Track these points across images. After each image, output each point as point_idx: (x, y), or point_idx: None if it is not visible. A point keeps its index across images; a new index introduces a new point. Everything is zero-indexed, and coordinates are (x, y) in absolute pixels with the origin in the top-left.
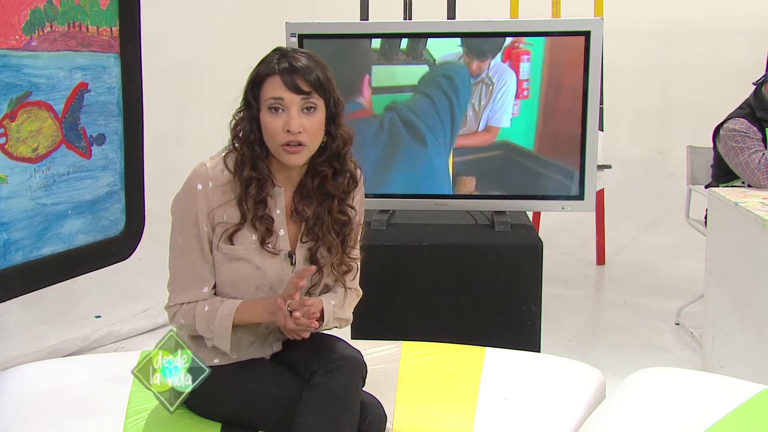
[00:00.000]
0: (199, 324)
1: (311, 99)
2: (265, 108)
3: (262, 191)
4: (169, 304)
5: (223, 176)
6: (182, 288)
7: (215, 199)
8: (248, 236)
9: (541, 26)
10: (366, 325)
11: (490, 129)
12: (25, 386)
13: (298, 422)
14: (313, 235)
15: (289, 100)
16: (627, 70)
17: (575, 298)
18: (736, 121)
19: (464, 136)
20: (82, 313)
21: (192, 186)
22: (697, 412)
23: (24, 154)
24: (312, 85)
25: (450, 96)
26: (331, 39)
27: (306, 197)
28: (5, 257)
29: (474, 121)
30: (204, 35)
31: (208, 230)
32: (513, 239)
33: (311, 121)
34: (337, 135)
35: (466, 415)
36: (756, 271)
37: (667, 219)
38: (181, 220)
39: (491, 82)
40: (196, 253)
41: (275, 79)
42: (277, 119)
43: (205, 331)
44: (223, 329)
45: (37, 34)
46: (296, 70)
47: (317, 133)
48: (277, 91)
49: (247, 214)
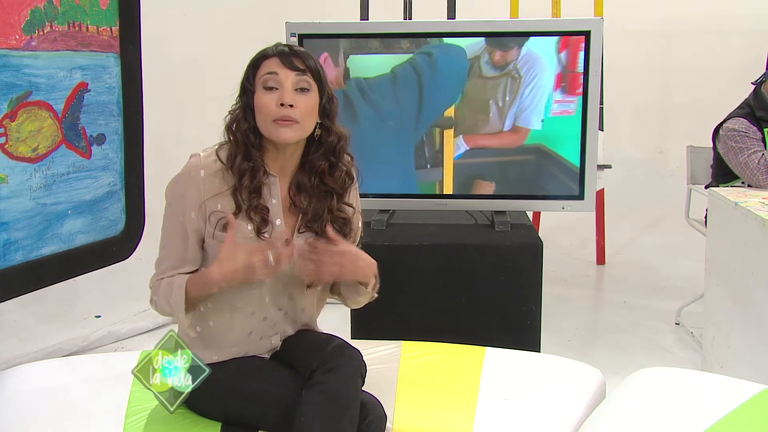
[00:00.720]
0: (162, 299)
1: (305, 77)
2: (260, 87)
3: (254, 179)
4: (150, 283)
5: (216, 166)
6: (162, 268)
7: (207, 189)
8: (243, 226)
9: (541, 26)
10: (366, 324)
11: (517, 130)
12: (25, 386)
13: (298, 422)
14: (311, 228)
15: (284, 76)
16: (627, 70)
17: (575, 298)
18: (735, 120)
19: (486, 135)
20: (82, 313)
21: (184, 174)
22: (697, 412)
23: (24, 154)
24: (307, 66)
25: (421, 75)
26: (331, 38)
27: (303, 190)
28: (5, 257)
29: (497, 120)
30: (204, 35)
31: (197, 219)
32: (513, 239)
33: (304, 100)
34: (333, 129)
35: (466, 415)
36: (756, 271)
37: (667, 219)
38: (170, 206)
39: (518, 75)
40: (180, 238)
41: (272, 59)
42: (270, 96)
43: (166, 306)
44: (178, 296)
45: (37, 34)
46: (293, 52)
47: (310, 114)
48: (272, 67)
49: (242, 204)
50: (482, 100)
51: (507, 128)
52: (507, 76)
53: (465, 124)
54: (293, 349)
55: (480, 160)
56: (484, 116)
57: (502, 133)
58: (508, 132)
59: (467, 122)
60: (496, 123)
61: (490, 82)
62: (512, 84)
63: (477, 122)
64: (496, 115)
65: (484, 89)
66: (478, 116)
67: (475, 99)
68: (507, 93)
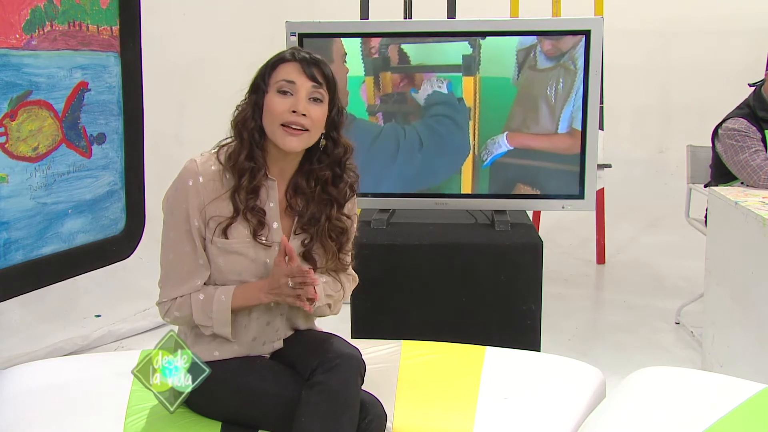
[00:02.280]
0: (197, 313)
1: (320, 90)
2: (274, 90)
3: (254, 180)
4: (160, 301)
5: (214, 171)
6: (176, 282)
7: (207, 195)
8: (241, 230)
9: (541, 25)
10: (366, 324)
11: (573, 133)
12: (26, 385)
13: (298, 421)
14: (307, 230)
15: (301, 84)
16: (627, 70)
17: (575, 298)
18: (735, 120)
19: (536, 136)
20: (82, 312)
21: (182, 182)
22: (697, 412)
23: (24, 154)
24: (325, 77)
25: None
26: (331, 38)
27: (300, 193)
28: (6, 256)
29: (549, 120)
30: (204, 34)
31: (200, 225)
32: (513, 238)
33: (316, 110)
34: (340, 141)
35: (466, 414)
36: (756, 271)
37: (667, 218)
38: (173, 216)
39: (574, 68)
40: (190, 246)
41: (293, 64)
42: (284, 100)
43: (203, 320)
44: (222, 313)
45: (37, 33)
46: (315, 61)
47: (319, 124)
48: (291, 74)
49: (240, 206)
50: (532, 95)
51: (562, 130)
52: (560, 68)
53: (513, 122)
54: (293, 349)
55: (523, 162)
56: (533, 114)
57: (555, 135)
58: (563, 135)
59: (515, 119)
60: (548, 123)
61: (541, 75)
62: (565, 77)
63: (526, 120)
64: (548, 114)
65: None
66: (528, 114)
67: (526, 94)
68: (559, 89)
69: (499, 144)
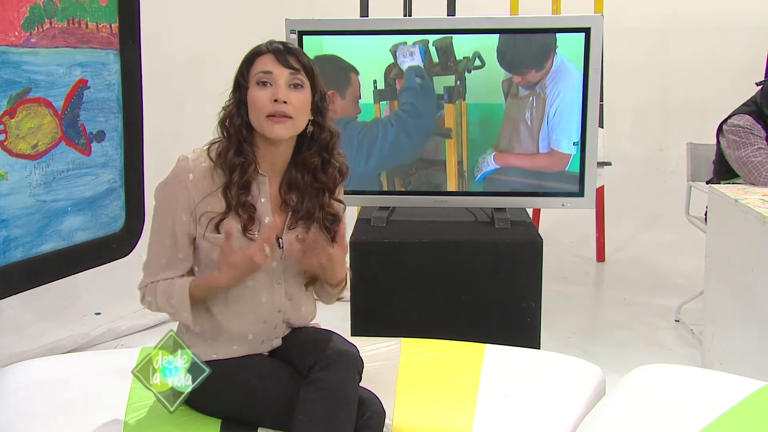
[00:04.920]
0: (161, 299)
1: (299, 75)
2: (254, 84)
3: (245, 175)
4: (139, 286)
5: (204, 168)
6: (154, 271)
7: (197, 192)
8: (233, 225)
9: (541, 23)
10: (366, 321)
11: (553, 153)
12: (25, 383)
13: (297, 419)
14: (301, 224)
15: (278, 73)
16: (627, 67)
17: (575, 295)
18: (740, 117)
19: (518, 155)
20: (81, 310)
21: (173, 178)
22: (697, 409)
23: (23, 151)
24: (301, 63)
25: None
26: (330, 35)
27: (295, 188)
28: (5, 254)
29: (529, 141)
30: (204, 32)
31: (188, 221)
32: (513, 236)
33: (298, 96)
34: (325, 127)
35: (466, 412)
36: (756, 268)
37: (667, 216)
38: (160, 209)
39: (543, 95)
40: (171, 241)
41: (268, 56)
42: (264, 91)
43: (166, 306)
44: (181, 297)
45: (36, 31)
46: (288, 50)
47: (303, 110)
48: (267, 65)
49: (231, 201)
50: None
51: (543, 150)
52: (533, 96)
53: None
54: (291, 346)
55: (512, 179)
56: (516, 136)
57: (537, 155)
58: (543, 154)
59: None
60: (529, 144)
61: (520, 102)
62: (536, 103)
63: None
64: (527, 136)
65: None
66: (513, 136)
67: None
68: (534, 114)
69: (487, 163)
